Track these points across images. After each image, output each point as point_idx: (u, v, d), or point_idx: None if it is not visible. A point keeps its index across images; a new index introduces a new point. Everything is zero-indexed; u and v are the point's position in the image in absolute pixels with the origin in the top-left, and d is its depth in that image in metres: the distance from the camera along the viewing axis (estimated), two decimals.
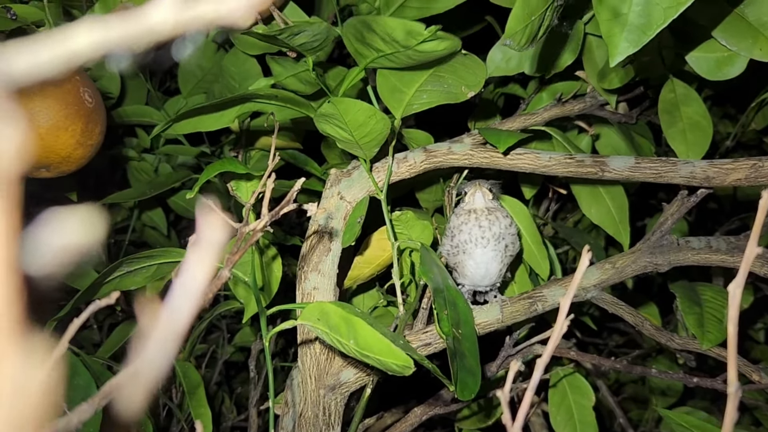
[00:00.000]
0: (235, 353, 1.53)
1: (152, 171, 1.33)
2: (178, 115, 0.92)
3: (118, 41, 0.14)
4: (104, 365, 0.92)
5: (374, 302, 1.12)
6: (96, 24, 0.14)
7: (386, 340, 0.68)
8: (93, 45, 0.13)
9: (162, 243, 1.43)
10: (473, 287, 0.98)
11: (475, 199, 0.93)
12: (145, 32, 0.14)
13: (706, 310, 1.00)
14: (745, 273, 0.37)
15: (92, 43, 0.13)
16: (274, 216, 0.59)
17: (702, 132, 1.04)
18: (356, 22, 0.78)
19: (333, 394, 0.90)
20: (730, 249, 0.94)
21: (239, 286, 1.01)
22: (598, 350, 1.67)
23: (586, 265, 0.39)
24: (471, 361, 0.78)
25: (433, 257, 0.88)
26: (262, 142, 1.22)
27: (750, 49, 0.87)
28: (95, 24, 0.14)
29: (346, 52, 1.23)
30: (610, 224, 1.12)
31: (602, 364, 1.09)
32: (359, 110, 0.80)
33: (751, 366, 0.95)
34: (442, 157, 0.95)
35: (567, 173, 0.93)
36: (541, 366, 0.37)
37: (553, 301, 0.95)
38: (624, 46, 0.67)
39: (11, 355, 0.14)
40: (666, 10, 0.66)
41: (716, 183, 0.87)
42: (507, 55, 1.02)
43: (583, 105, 1.08)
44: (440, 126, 1.13)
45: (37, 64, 0.13)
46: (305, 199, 1.18)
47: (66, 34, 0.13)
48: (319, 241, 0.92)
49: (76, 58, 0.13)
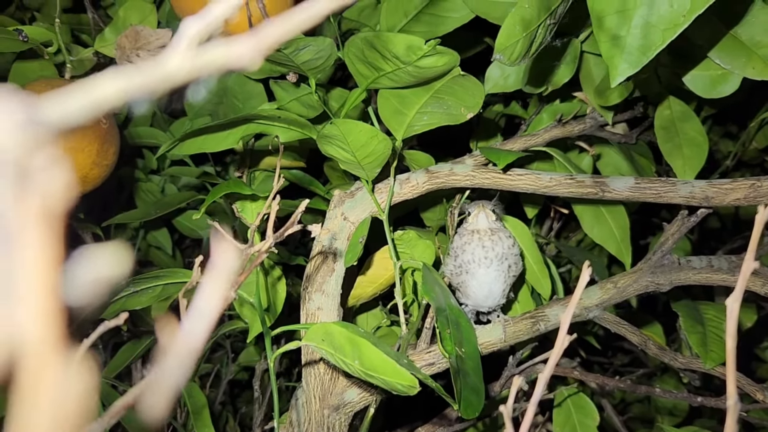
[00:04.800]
0: (240, 372, 1.53)
1: (158, 192, 1.34)
2: (184, 135, 0.94)
3: (139, 88, 0.15)
4: (110, 385, 0.93)
5: (377, 322, 1.12)
6: (119, 73, 0.15)
7: (391, 360, 0.68)
8: (117, 93, 0.15)
9: (167, 263, 1.44)
10: (476, 307, 0.99)
11: (479, 220, 0.94)
12: (163, 79, 0.16)
13: (709, 329, 1.00)
14: (743, 287, 0.38)
15: (117, 91, 0.15)
16: (279, 237, 0.60)
17: (698, 148, 1.05)
18: (358, 40, 0.80)
19: (337, 414, 0.91)
20: (731, 268, 0.94)
21: (244, 306, 1.01)
22: (602, 369, 1.66)
23: (587, 281, 0.39)
24: (474, 379, 0.79)
25: (435, 276, 0.89)
26: (266, 163, 1.23)
27: (743, 68, 0.89)
28: (118, 73, 0.15)
29: (346, 74, 1.25)
30: (612, 243, 1.13)
31: (606, 383, 1.09)
32: (361, 131, 0.81)
33: (755, 385, 0.95)
34: (444, 178, 0.96)
35: (568, 194, 0.94)
36: (542, 381, 0.38)
37: (555, 320, 0.95)
38: (624, 67, 0.69)
39: (53, 372, 0.15)
40: (664, 31, 0.67)
41: (716, 203, 0.88)
42: (505, 73, 1.03)
43: (584, 126, 1.10)
44: (442, 147, 1.15)
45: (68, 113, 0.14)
46: (310, 218, 1.19)
47: (92, 84, 0.15)
48: (323, 262, 0.93)
49: (102, 106, 0.15)
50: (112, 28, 1.02)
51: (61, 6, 1.00)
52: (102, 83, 0.15)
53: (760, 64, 0.87)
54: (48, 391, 0.16)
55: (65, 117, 0.14)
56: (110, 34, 1.02)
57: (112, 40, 1.00)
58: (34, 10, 1.08)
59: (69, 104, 0.14)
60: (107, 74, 0.15)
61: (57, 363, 0.15)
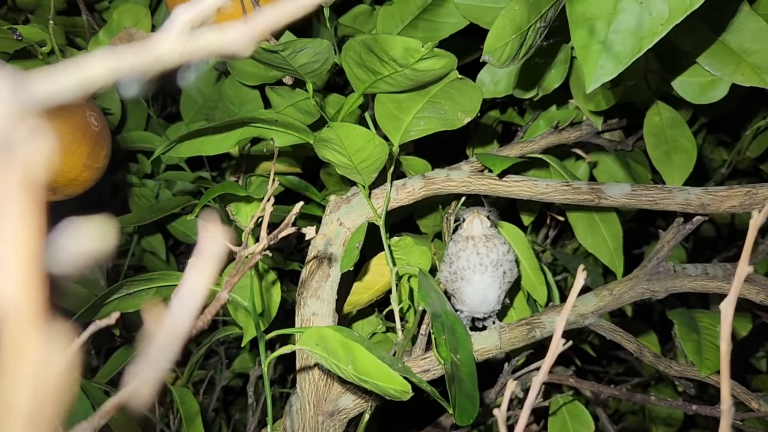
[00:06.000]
0: (234, 379, 1.52)
1: (153, 196, 1.34)
2: (181, 137, 0.94)
3: (129, 70, 0.15)
4: (103, 390, 0.92)
5: (373, 328, 1.12)
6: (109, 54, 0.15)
7: (384, 365, 0.68)
8: (106, 73, 0.15)
9: (161, 268, 1.43)
10: (471, 313, 0.99)
11: (474, 226, 0.94)
12: (154, 61, 0.15)
13: (704, 337, 1.00)
14: (737, 291, 0.38)
15: (106, 71, 0.14)
16: (273, 239, 0.60)
17: (687, 154, 1.06)
18: (355, 43, 0.80)
19: (331, 420, 0.90)
20: (726, 276, 0.94)
21: (239, 311, 1.01)
22: (597, 378, 1.66)
23: (581, 285, 0.39)
24: (469, 386, 0.78)
25: (431, 282, 0.89)
26: (262, 168, 1.23)
27: (732, 74, 0.89)
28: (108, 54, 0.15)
29: (343, 80, 1.25)
30: (605, 253, 1.13)
31: (601, 391, 1.08)
32: (358, 135, 0.81)
33: (750, 394, 0.95)
34: (441, 184, 0.96)
35: (564, 200, 0.94)
36: (536, 385, 0.38)
37: (551, 327, 0.95)
38: (600, 73, 0.68)
39: (35, 340, 0.15)
40: (642, 39, 0.67)
41: (711, 210, 0.88)
42: (495, 78, 1.03)
43: (580, 133, 1.10)
44: (439, 153, 1.15)
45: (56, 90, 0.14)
46: (305, 224, 1.19)
47: (81, 62, 0.15)
48: (318, 267, 0.92)
49: (91, 85, 0.14)
50: (106, 31, 1.02)
51: (55, 8, 1.00)
52: (92, 62, 0.15)
53: (749, 70, 0.87)
54: (29, 362, 0.15)
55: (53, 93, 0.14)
56: (104, 37, 1.02)
57: (106, 42, 1.00)
58: (28, 12, 1.07)
59: (57, 81, 0.14)
60: (97, 54, 0.15)
61: (38, 334, 0.15)
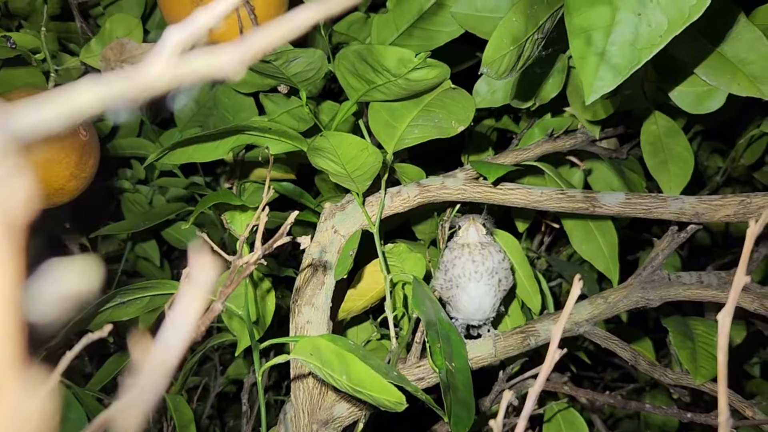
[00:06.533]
0: (228, 385, 1.51)
1: (146, 203, 1.33)
2: (173, 144, 0.93)
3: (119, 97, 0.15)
4: (95, 398, 0.91)
5: (368, 335, 1.11)
6: (98, 81, 0.15)
7: (379, 376, 0.68)
8: (95, 102, 0.14)
9: (155, 274, 1.42)
10: (466, 321, 0.98)
11: (469, 234, 0.94)
12: (144, 87, 0.15)
13: (699, 345, 1.00)
14: (734, 301, 0.38)
15: (95, 100, 0.14)
16: (268, 249, 0.59)
17: (684, 163, 1.06)
18: (349, 53, 0.80)
19: (326, 428, 0.90)
20: (721, 284, 0.94)
21: (233, 319, 1.00)
22: (593, 384, 1.66)
23: (577, 294, 0.39)
24: (465, 394, 0.78)
25: (425, 290, 0.89)
26: (256, 174, 1.22)
27: (729, 84, 0.90)
28: (97, 81, 0.15)
29: (338, 87, 1.25)
30: (601, 260, 1.13)
31: (596, 398, 1.08)
32: (351, 144, 0.81)
33: (744, 402, 0.95)
34: (436, 192, 0.96)
35: (559, 208, 0.94)
36: (533, 396, 0.38)
37: (545, 335, 0.95)
38: (599, 84, 0.69)
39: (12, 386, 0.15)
40: (640, 51, 0.67)
41: (706, 219, 0.89)
42: (492, 87, 1.03)
43: (575, 141, 1.10)
44: (434, 161, 1.15)
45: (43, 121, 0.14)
46: (300, 231, 1.19)
47: (70, 92, 0.14)
48: (312, 275, 0.92)
49: (80, 114, 0.14)
50: (98, 40, 1.01)
51: (48, 14, 0.99)
52: (80, 91, 0.14)
53: (745, 80, 0.88)
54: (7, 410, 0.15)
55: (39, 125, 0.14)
56: (96, 46, 1.02)
57: (98, 51, 1.00)
58: (21, 18, 1.07)
59: (44, 112, 0.14)
60: (86, 82, 0.15)
61: (17, 382, 0.15)
